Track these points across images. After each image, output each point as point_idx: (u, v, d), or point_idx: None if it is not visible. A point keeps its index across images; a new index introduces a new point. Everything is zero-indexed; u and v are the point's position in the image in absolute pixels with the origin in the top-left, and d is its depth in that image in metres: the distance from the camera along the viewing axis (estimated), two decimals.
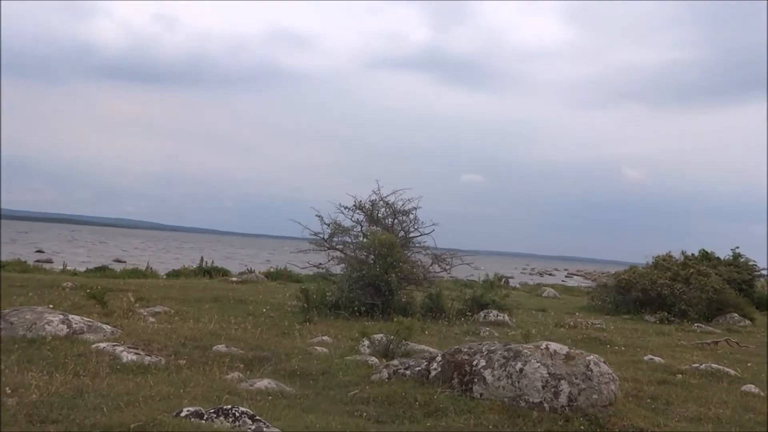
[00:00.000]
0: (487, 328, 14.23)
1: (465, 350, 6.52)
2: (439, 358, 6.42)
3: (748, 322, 23.28)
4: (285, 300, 18.01)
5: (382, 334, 9.06)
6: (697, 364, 10.14)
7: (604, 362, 5.86)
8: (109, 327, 8.19)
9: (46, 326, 7.67)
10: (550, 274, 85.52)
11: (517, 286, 42.15)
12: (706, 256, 35.34)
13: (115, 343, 7.21)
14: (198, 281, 26.26)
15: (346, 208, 16.69)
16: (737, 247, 39.95)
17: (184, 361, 6.84)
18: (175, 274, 30.27)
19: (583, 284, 62.41)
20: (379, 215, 16.88)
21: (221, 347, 7.82)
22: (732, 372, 9.88)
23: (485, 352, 6.34)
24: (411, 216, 16.74)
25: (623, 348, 12.85)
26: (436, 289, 16.28)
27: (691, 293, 23.80)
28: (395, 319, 14.06)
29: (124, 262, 46.64)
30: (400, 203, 16.70)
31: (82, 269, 32.32)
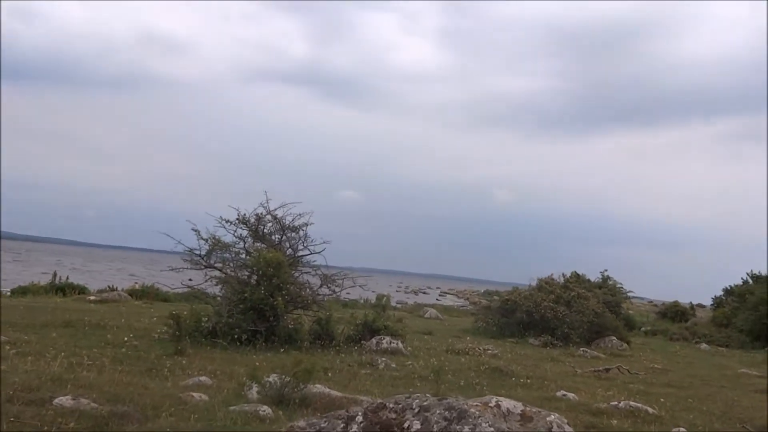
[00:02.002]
0: (383, 358, 12.98)
1: (391, 406, 5.18)
2: (359, 419, 5.02)
3: (625, 345, 23.79)
4: (152, 325, 15.78)
5: (274, 375, 7.52)
6: (615, 402, 9.46)
7: (567, 424, 4.75)
8: None
9: None
10: (425, 293, 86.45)
11: (397, 305, 41.55)
12: (578, 279, 36.47)
13: None
14: (48, 300, 23.04)
15: (227, 221, 14.87)
16: (605, 270, 41.73)
17: (7, 428, 4.97)
18: (21, 292, 26.58)
19: (457, 303, 63.44)
20: (265, 231, 15.21)
21: (66, 400, 5.95)
22: (650, 410, 9.29)
23: (417, 410, 5.03)
24: (301, 233, 15.23)
25: (528, 380, 12.08)
26: (326, 314, 14.84)
27: (573, 316, 24.01)
28: (283, 350, 12.58)
29: None
30: (289, 218, 15.14)
31: None
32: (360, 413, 5.13)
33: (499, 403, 4.85)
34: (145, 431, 5.31)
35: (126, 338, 12.66)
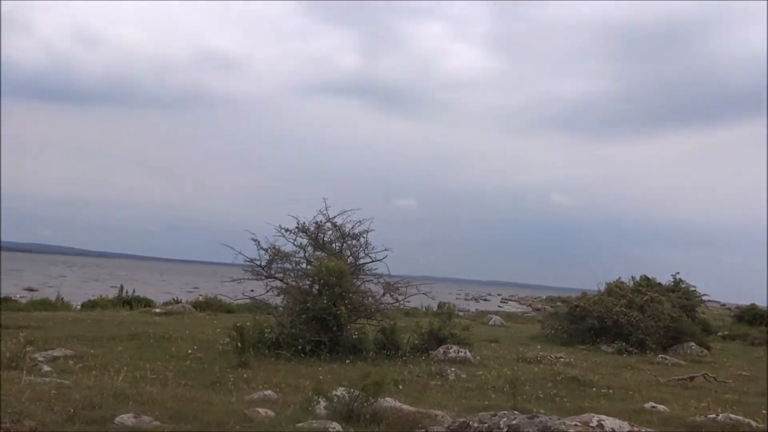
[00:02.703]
0: (453, 368, 12.40)
1: (475, 426, 4.65)
2: None
3: (705, 351, 22.40)
4: (215, 336, 15.67)
5: (342, 389, 7.08)
6: (713, 415, 8.60)
7: None
8: None
9: None
10: (485, 300, 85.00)
11: (459, 313, 40.74)
12: (648, 283, 34.84)
13: None
14: (115, 313, 23.42)
15: (287, 230, 14.60)
16: (677, 273, 39.79)
17: None
18: (90, 305, 27.19)
19: (519, 309, 62.03)
20: (326, 239, 14.87)
21: (127, 418, 5.66)
22: (753, 423, 8.40)
23: (505, 429, 4.48)
24: (362, 240, 14.83)
25: (609, 391, 11.27)
26: (390, 323, 14.35)
27: (648, 321, 22.79)
28: (349, 362, 12.15)
29: (36, 290, 42.62)
30: (349, 226, 14.77)
31: None
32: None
33: (602, 422, 4.24)
34: None
35: (190, 351, 12.51)
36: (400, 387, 8.61)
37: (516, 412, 4.76)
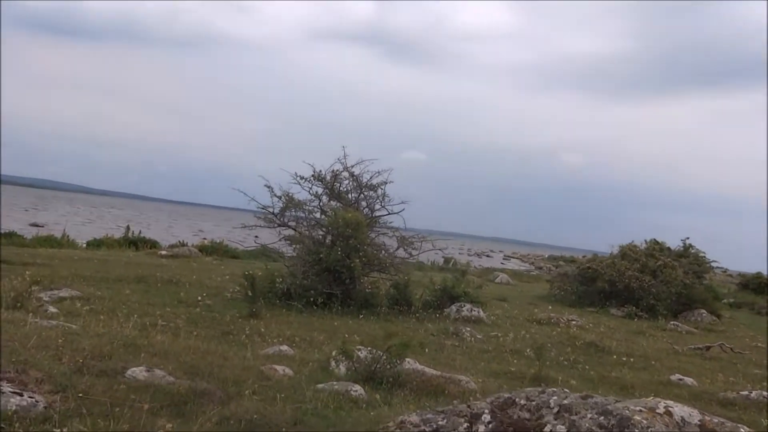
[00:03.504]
0: (467, 328, 12.07)
1: (522, 403, 4.24)
2: (486, 417, 4.11)
3: (716, 319, 22.13)
4: (223, 283, 15.36)
5: (364, 350, 6.69)
6: (745, 392, 8.25)
7: None
8: None
9: None
10: (487, 256, 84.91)
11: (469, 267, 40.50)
12: (658, 247, 34.38)
13: None
14: (121, 254, 23.14)
15: (302, 178, 14.09)
16: (687, 238, 39.29)
17: (75, 405, 4.31)
18: (96, 244, 26.93)
19: (522, 267, 61.83)
20: (342, 189, 14.36)
21: (139, 371, 5.29)
22: None
23: (556, 409, 4.08)
24: (379, 191, 14.31)
25: (630, 359, 10.93)
26: (404, 278, 13.98)
27: (660, 287, 22.47)
28: (362, 316, 11.79)
29: (42, 226, 42.50)
30: (367, 176, 14.22)
31: None
32: (486, 410, 4.20)
33: (670, 409, 3.83)
34: (228, 415, 4.56)
35: (199, 297, 12.18)
36: (426, 350, 8.23)
37: (566, 390, 4.35)
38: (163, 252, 24.76)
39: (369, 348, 6.66)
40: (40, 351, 5.43)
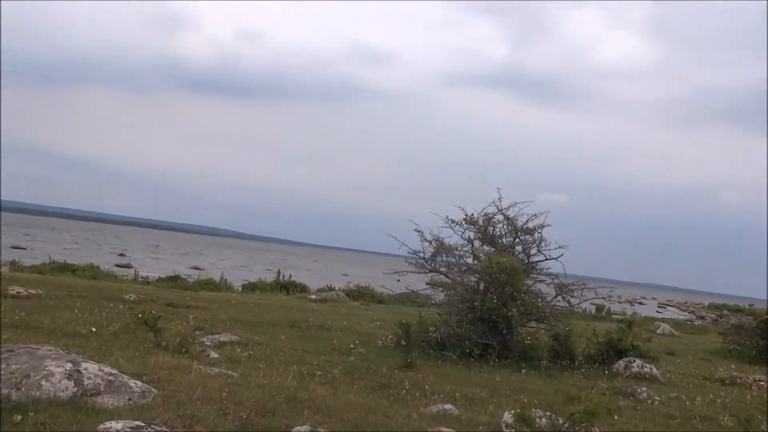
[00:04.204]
0: (643, 387, 10.78)
1: None
2: None
3: None
4: (374, 330, 15.11)
5: (541, 414, 5.93)
6: None
7: None
8: (138, 384, 5.46)
9: (43, 382, 5.03)
10: (640, 303, 79.23)
11: (614, 316, 37.75)
12: None
13: (138, 424, 4.47)
14: (274, 297, 23.87)
15: (453, 222, 13.60)
16: None
17: None
18: (250, 287, 28.14)
19: (681, 316, 56.85)
20: (495, 233, 13.69)
21: (304, 431, 4.94)
22: None
23: None
24: (535, 235, 13.46)
25: None
26: (566, 329, 12.92)
27: None
28: (524, 370, 10.88)
29: (202, 269, 45.44)
30: (523, 219, 13.45)
31: (158, 275, 30.76)
32: None
33: None
34: None
35: (352, 345, 11.94)
36: (616, 417, 7.26)
37: None
38: (313, 296, 25.27)
39: (545, 413, 5.88)
40: (205, 404, 5.25)
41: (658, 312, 60.79)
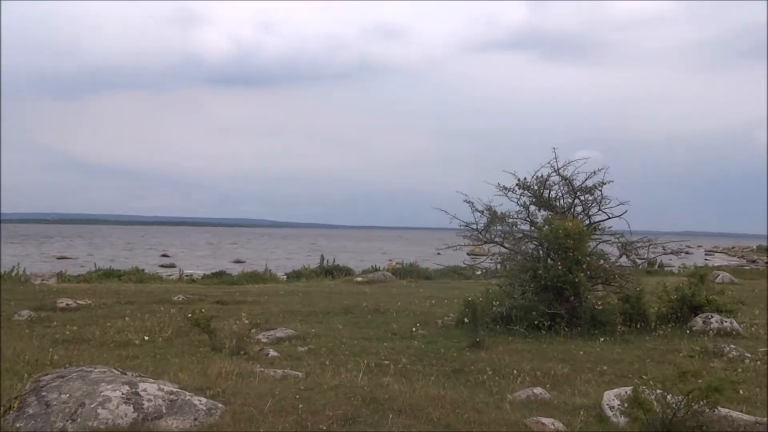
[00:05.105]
0: (732, 346, 9.99)
1: None
2: None
3: None
4: (431, 308, 14.54)
5: (647, 391, 5.25)
6: None
7: None
8: (203, 400, 4.94)
9: (100, 410, 4.55)
10: (686, 253, 76.98)
11: (672, 269, 36.49)
12: None
13: None
14: (321, 283, 23.48)
15: (504, 188, 12.80)
16: None
17: None
18: (295, 276, 27.79)
19: (731, 262, 54.93)
20: (551, 195, 12.87)
21: None
22: None
23: None
24: (596, 194, 12.59)
25: None
26: (637, 289, 12.11)
27: None
28: (603, 339, 10.14)
29: (244, 262, 45.43)
30: (581, 178, 12.57)
31: (203, 271, 30.64)
32: None
33: None
34: None
35: (413, 328, 11.38)
36: (741, 392, 6.52)
37: None
38: (359, 279, 24.79)
39: (660, 393, 5.18)
40: (279, 418, 4.70)
41: (706, 260, 58.92)
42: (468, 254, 18.91)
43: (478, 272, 28.76)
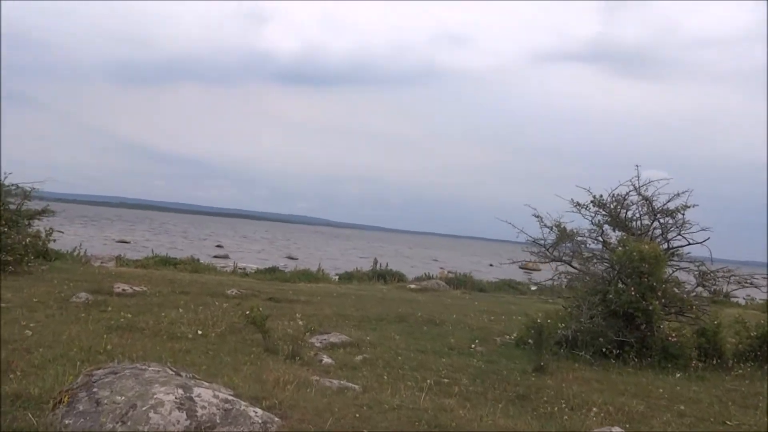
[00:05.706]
0: None
1: None
2: None
3: None
4: (487, 323, 13.98)
5: None
6: None
7: None
8: (259, 412, 4.61)
9: (152, 414, 4.26)
10: (750, 284, 73.32)
11: (741, 300, 34.69)
12: None
13: None
14: (373, 288, 23.12)
15: (578, 204, 12.16)
16: None
17: None
18: (347, 277, 27.59)
19: None
20: (628, 215, 12.15)
21: None
22: None
23: None
24: (677, 218, 11.81)
25: None
26: (714, 322, 11.29)
27: None
28: (679, 374, 9.42)
29: (296, 259, 45.64)
30: (662, 199, 11.80)
31: (256, 265, 30.81)
32: None
33: None
34: None
35: (472, 345, 10.87)
36: None
37: None
38: (412, 285, 24.33)
39: None
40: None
41: None
42: (521, 268, 18.28)
43: (534, 287, 28.01)
